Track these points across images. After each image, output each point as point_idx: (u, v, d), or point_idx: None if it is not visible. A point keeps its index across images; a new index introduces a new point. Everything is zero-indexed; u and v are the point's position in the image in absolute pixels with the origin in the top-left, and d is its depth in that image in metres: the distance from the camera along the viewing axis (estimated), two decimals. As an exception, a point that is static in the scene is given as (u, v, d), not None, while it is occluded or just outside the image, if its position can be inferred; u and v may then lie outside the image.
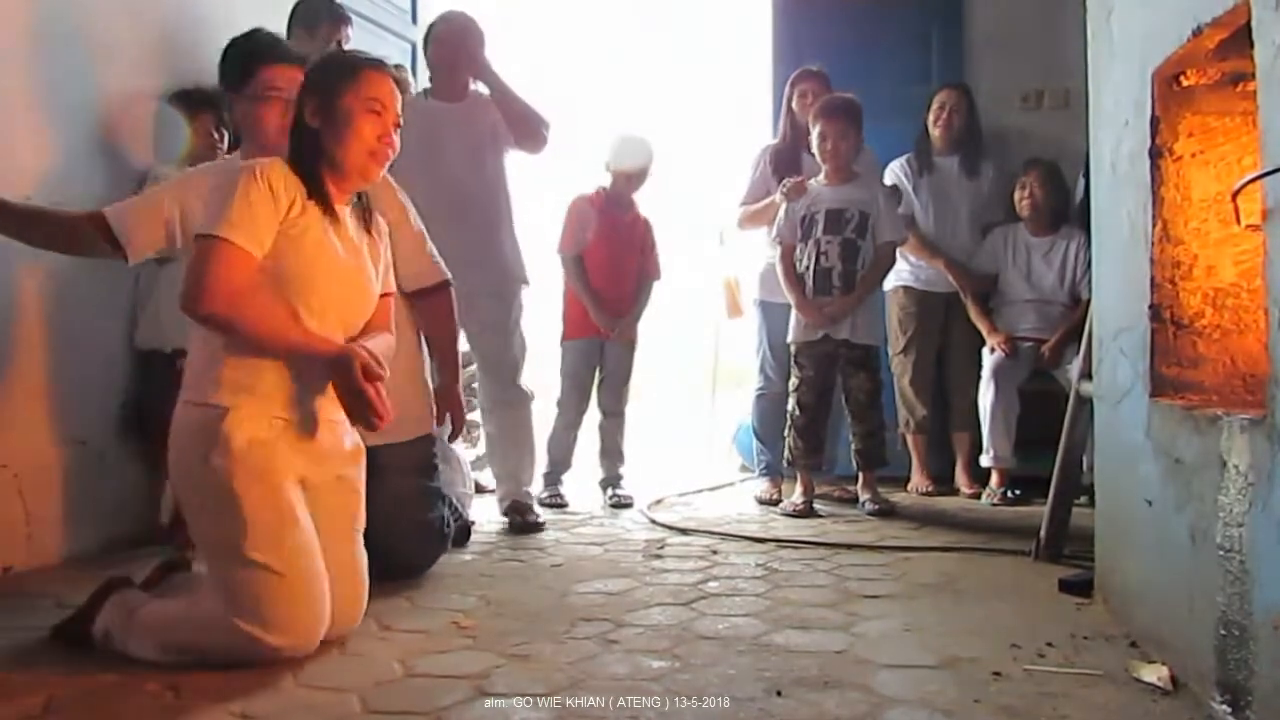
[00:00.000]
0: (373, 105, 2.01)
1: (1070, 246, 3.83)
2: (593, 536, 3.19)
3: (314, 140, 2.01)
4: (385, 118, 2.03)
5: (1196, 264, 1.94)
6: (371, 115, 2.01)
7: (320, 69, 2.09)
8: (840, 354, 3.60)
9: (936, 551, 2.90)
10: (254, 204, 1.88)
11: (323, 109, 2.01)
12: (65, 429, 2.74)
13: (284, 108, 2.32)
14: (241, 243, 1.85)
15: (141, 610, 1.91)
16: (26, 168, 2.63)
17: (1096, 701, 1.66)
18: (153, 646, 1.85)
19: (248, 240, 1.86)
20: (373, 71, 2.04)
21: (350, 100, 2.00)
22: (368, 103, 2.01)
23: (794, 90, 3.94)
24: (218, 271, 1.84)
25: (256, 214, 1.88)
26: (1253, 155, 1.76)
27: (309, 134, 2.01)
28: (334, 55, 2.24)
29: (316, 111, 2.02)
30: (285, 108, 2.31)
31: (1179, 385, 1.93)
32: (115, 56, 2.94)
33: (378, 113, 2.02)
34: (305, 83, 2.09)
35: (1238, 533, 1.52)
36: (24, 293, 2.63)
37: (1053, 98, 4.24)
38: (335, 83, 2.02)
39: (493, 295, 3.30)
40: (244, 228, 1.86)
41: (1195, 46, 1.76)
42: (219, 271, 1.84)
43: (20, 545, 2.59)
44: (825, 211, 3.58)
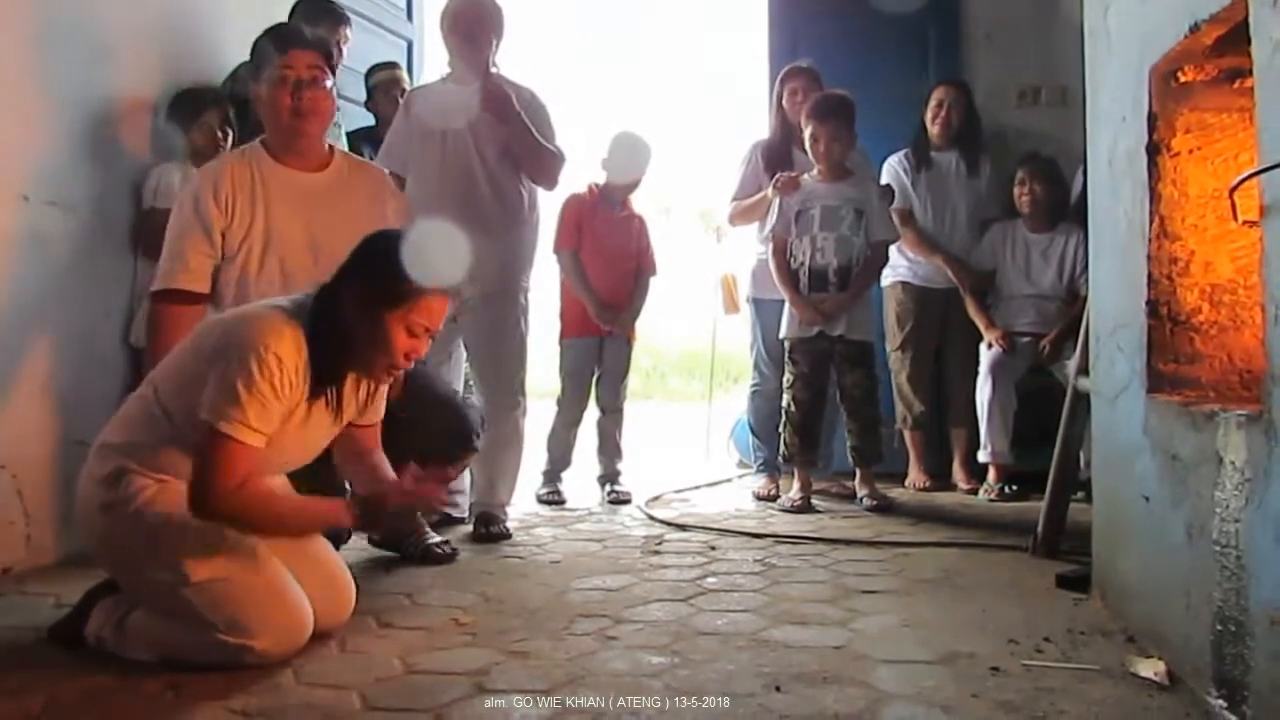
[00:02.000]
0: (417, 329, 1.89)
1: (1068, 243, 3.83)
2: (591, 533, 3.19)
3: (344, 330, 1.85)
4: (424, 340, 1.92)
5: (1194, 260, 1.94)
6: (412, 338, 1.89)
7: (380, 262, 1.87)
8: (835, 350, 3.60)
9: (934, 547, 2.91)
10: (265, 399, 1.76)
11: (366, 310, 1.85)
12: (64, 429, 2.73)
13: (294, 87, 2.37)
14: (250, 441, 1.76)
15: (130, 617, 1.90)
16: (23, 166, 2.63)
17: (1093, 696, 1.67)
18: (148, 651, 1.86)
19: (255, 437, 1.77)
20: (432, 299, 1.88)
21: (397, 321, 1.85)
22: (415, 327, 1.88)
23: (784, 88, 3.94)
24: (227, 471, 1.74)
25: (267, 410, 1.77)
26: (1250, 151, 1.76)
27: (341, 323, 1.85)
28: (395, 247, 1.87)
29: (359, 304, 1.85)
30: (297, 89, 2.37)
31: (1176, 381, 1.93)
32: (114, 55, 2.93)
33: (418, 336, 1.90)
34: (357, 262, 1.89)
35: (1234, 528, 1.52)
36: (23, 292, 2.63)
37: (1050, 94, 4.23)
38: (386, 293, 1.84)
39: (493, 292, 3.16)
40: (253, 425, 1.76)
41: (1193, 43, 1.76)
42: (227, 471, 1.74)
43: (19, 545, 2.59)
44: (821, 208, 3.59)
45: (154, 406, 1.89)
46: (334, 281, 1.91)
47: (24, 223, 2.63)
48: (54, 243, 2.73)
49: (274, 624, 1.83)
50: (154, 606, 1.87)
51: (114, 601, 1.94)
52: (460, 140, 3.13)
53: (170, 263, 2.39)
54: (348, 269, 1.91)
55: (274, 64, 2.39)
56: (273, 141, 2.47)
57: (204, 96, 3.08)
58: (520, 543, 3.02)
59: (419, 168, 3.15)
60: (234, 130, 3.08)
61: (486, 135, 3.14)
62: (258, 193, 2.41)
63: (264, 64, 2.42)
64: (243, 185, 2.41)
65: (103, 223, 2.89)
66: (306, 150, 2.48)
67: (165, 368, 1.95)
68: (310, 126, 2.43)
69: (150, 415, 1.89)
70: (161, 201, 2.92)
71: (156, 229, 2.91)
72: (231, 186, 2.40)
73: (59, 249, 2.74)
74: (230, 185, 2.40)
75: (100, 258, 2.88)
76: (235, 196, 2.39)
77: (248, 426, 1.75)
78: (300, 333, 1.83)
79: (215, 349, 1.82)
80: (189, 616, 1.81)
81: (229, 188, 2.39)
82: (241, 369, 1.76)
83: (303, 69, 2.38)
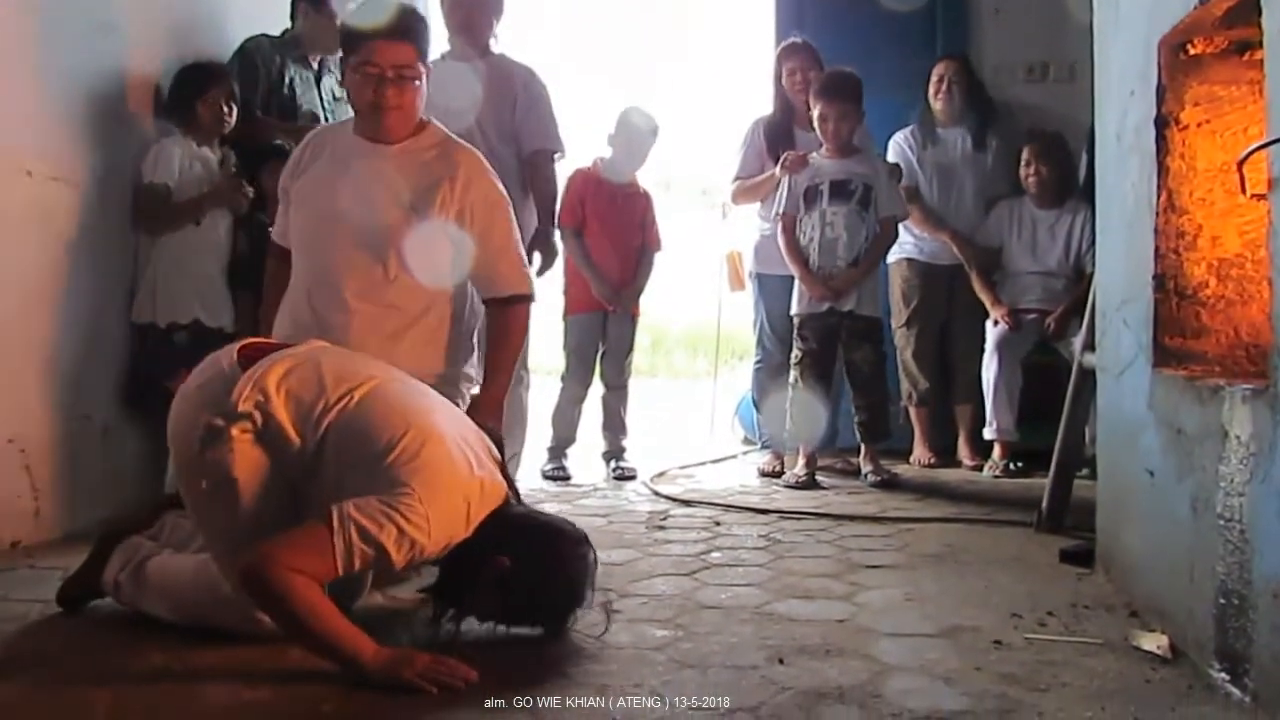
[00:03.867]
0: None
1: (1075, 220, 3.81)
2: (596, 508, 3.20)
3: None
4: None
5: (1201, 234, 1.93)
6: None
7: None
8: (843, 326, 3.60)
9: (938, 523, 2.92)
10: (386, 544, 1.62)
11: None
12: (70, 404, 2.74)
13: (377, 84, 2.21)
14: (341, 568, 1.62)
15: (149, 564, 1.91)
16: (26, 141, 2.62)
17: (1096, 670, 1.67)
18: (164, 606, 1.87)
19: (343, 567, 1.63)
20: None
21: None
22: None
23: (782, 66, 3.92)
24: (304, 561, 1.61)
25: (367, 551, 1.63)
26: (1259, 124, 1.75)
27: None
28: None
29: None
30: (377, 84, 2.21)
31: (1182, 356, 1.93)
32: (116, 29, 2.91)
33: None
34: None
35: (1238, 502, 1.52)
36: (27, 268, 2.63)
37: (1058, 70, 4.19)
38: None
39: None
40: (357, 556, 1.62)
41: (1202, 14, 1.74)
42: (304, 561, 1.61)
43: (27, 520, 2.60)
44: (830, 183, 3.57)
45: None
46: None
47: (28, 198, 2.62)
48: (58, 218, 2.73)
49: None
50: (200, 530, 1.88)
51: (132, 546, 1.96)
52: (461, 117, 3.13)
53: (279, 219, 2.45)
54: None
55: (359, 53, 2.23)
56: (358, 123, 2.36)
57: (211, 72, 3.07)
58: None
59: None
60: (238, 106, 3.07)
61: (487, 112, 3.15)
62: (323, 155, 2.35)
63: (351, 49, 2.26)
64: (312, 150, 2.38)
65: (106, 198, 2.88)
66: (386, 134, 2.31)
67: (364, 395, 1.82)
68: (390, 120, 2.28)
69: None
70: (159, 176, 2.92)
71: (154, 202, 2.92)
72: (305, 153, 2.38)
73: (63, 224, 2.74)
74: (302, 151, 2.39)
75: (104, 233, 2.88)
76: (304, 159, 2.37)
77: (351, 556, 1.61)
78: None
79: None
80: (219, 560, 1.80)
81: (300, 153, 2.39)
82: (406, 511, 1.63)
83: (387, 66, 2.20)
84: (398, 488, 1.65)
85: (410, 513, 1.63)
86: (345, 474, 1.72)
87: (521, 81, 3.16)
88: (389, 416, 1.76)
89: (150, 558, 1.93)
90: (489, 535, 1.75)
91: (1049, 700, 1.54)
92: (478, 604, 1.79)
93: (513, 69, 3.23)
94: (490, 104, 3.13)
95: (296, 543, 1.63)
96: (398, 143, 2.31)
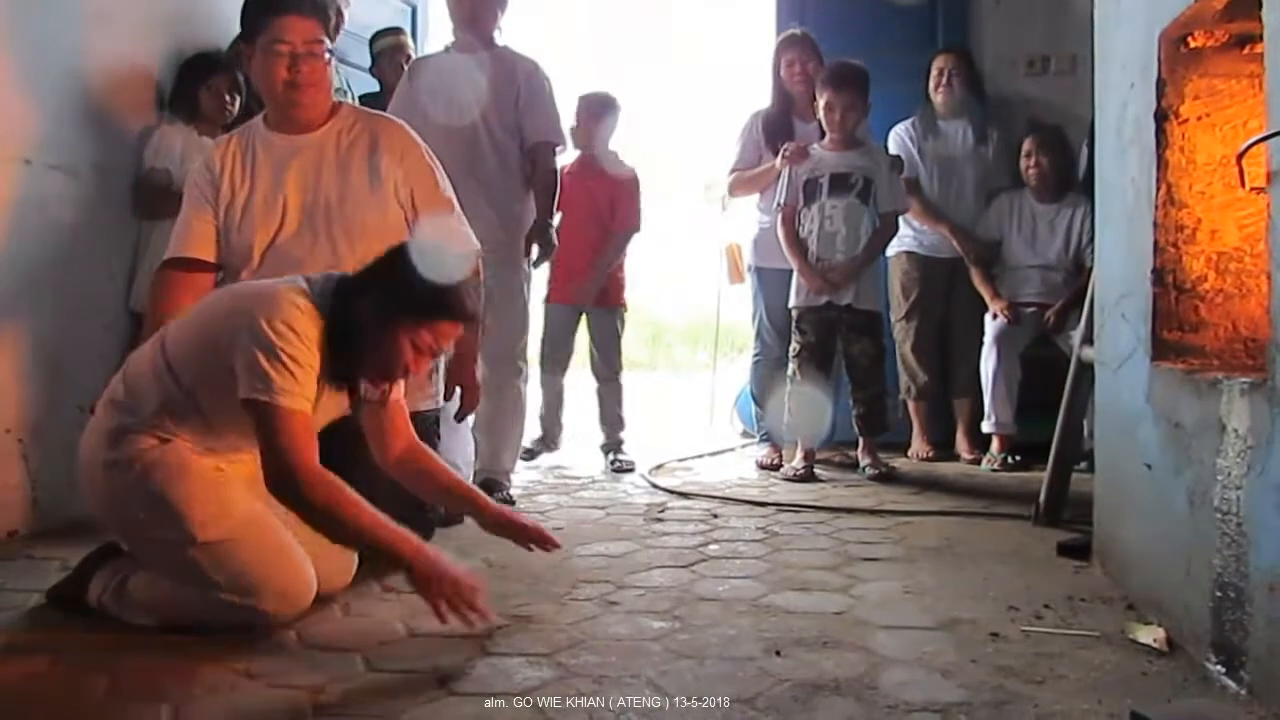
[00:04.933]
0: (424, 347, 1.84)
1: (1075, 213, 3.81)
2: (594, 500, 3.21)
3: (355, 331, 1.81)
4: (427, 359, 1.89)
5: (1200, 228, 1.93)
6: (418, 355, 1.85)
7: (404, 276, 1.81)
8: (842, 320, 3.60)
9: (936, 516, 2.92)
10: (289, 364, 1.73)
11: (380, 318, 1.81)
12: (68, 393, 2.74)
13: (290, 61, 2.24)
14: (296, 405, 1.73)
15: (131, 581, 1.90)
16: (25, 130, 2.61)
17: (1093, 662, 1.67)
18: (153, 618, 1.86)
19: (298, 400, 1.74)
20: (448, 324, 1.86)
21: (406, 335, 1.82)
22: (422, 344, 1.84)
23: (780, 57, 3.90)
24: (291, 440, 1.72)
25: (297, 375, 1.74)
26: (1259, 118, 1.74)
27: (354, 322, 1.81)
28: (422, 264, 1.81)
29: (375, 310, 1.80)
30: (291, 61, 2.24)
31: (1180, 350, 1.93)
32: (113, 18, 2.90)
33: (423, 354, 1.86)
34: (381, 269, 1.85)
35: (1236, 495, 1.53)
36: (26, 256, 2.62)
37: (1059, 63, 4.19)
38: (404, 307, 1.81)
39: (495, 260, 3.09)
40: (290, 389, 1.73)
41: (1203, 7, 1.74)
42: (292, 440, 1.72)
43: (25, 510, 2.60)
44: (830, 175, 3.57)
45: (160, 364, 1.88)
46: (354, 280, 1.88)
47: (26, 187, 2.62)
48: (56, 207, 2.72)
49: (278, 585, 1.84)
50: (158, 567, 1.87)
51: (112, 568, 1.94)
52: (466, 110, 3.13)
53: (175, 232, 2.37)
54: (370, 273, 1.87)
55: (267, 32, 2.26)
56: (270, 113, 2.41)
57: (214, 61, 3.07)
58: (523, 509, 3.02)
59: (423, 137, 3.13)
60: (241, 96, 3.07)
61: (492, 105, 3.15)
62: (248, 163, 2.36)
63: (257, 29, 2.29)
64: (236, 158, 2.36)
65: (105, 187, 2.87)
66: (302, 119, 2.37)
67: (177, 328, 1.94)
68: (306, 98, 2.32)
69: (156, 373, 1.88)
70: (160, 162, 2.92)
71: (155, 189, 2.92)
72: (226, 161, 2.36)
73: (61, 213, 2.74)
74: (223, 160, 2.36)
75: (103, 222, 2.87)
76: (228, 169, 2.35)
77: (286, 392, 1.72)
78: (315, 308, 1.81)
79: (226, 316, 1.82)
80: (193, 577, 1.81)
81: (221, 162, 2.36)
82: (256, 341, 1.74)
83: (299, 42, 2.25)
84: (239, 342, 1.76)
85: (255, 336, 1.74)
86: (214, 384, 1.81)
87: (525, 74, 3.17)
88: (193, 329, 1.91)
89: (131, 575, 1.91)
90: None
91: (1045, 692, 1.54)
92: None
93: (516, 62, 3.23)
94: (494, 97, 3.13)
95: (271, 439, 1.72)
96: (319, 128, 2.35)
